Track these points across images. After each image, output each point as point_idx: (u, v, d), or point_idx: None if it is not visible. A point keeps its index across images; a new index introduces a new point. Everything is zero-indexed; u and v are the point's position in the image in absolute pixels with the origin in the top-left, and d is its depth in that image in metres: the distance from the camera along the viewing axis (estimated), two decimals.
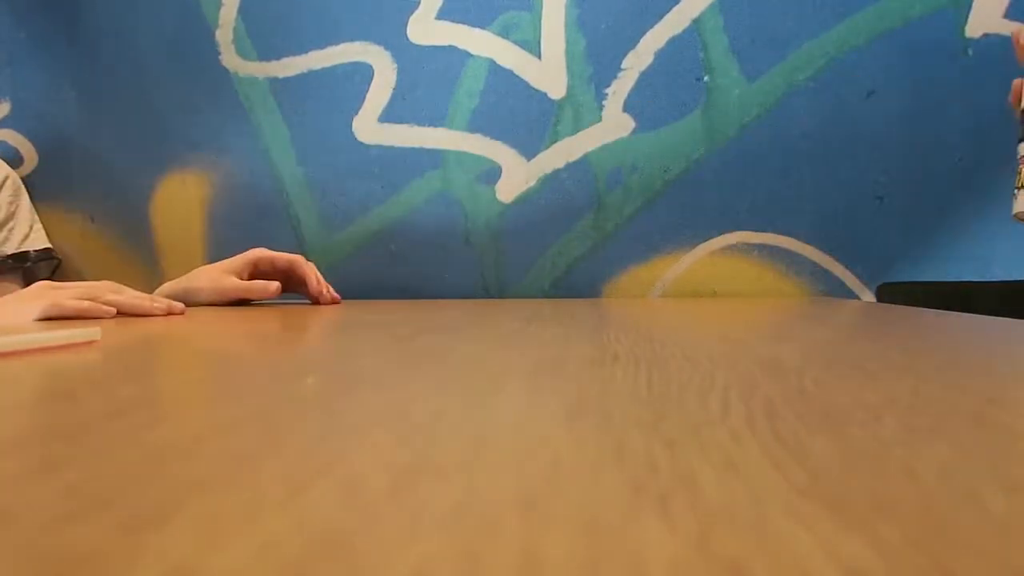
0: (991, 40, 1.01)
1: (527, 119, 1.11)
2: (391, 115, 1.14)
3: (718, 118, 1.07)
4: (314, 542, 0.10)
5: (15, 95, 1.24)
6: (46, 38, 1.23)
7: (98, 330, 0.41)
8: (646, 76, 1.08)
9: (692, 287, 1.09)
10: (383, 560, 0.10)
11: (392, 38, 1.13)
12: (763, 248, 1.08)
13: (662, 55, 1.08)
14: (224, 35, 1.17)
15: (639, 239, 1.10)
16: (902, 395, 0.23)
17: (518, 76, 1.11)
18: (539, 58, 1.11)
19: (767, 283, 1.08)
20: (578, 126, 1.10)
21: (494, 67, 1.11)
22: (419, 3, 1.12)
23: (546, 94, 1.11)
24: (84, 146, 1.23)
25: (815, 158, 1.06)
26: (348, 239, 1.16)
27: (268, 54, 1.16)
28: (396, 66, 1.13)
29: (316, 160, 1.16)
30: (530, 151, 1.12)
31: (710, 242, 1.09)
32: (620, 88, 1.09)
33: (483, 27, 1.12)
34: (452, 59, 1.12)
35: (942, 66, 1.02)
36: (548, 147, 1.11)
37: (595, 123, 1.10)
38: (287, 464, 0.15)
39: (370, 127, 1.14)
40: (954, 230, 1.03)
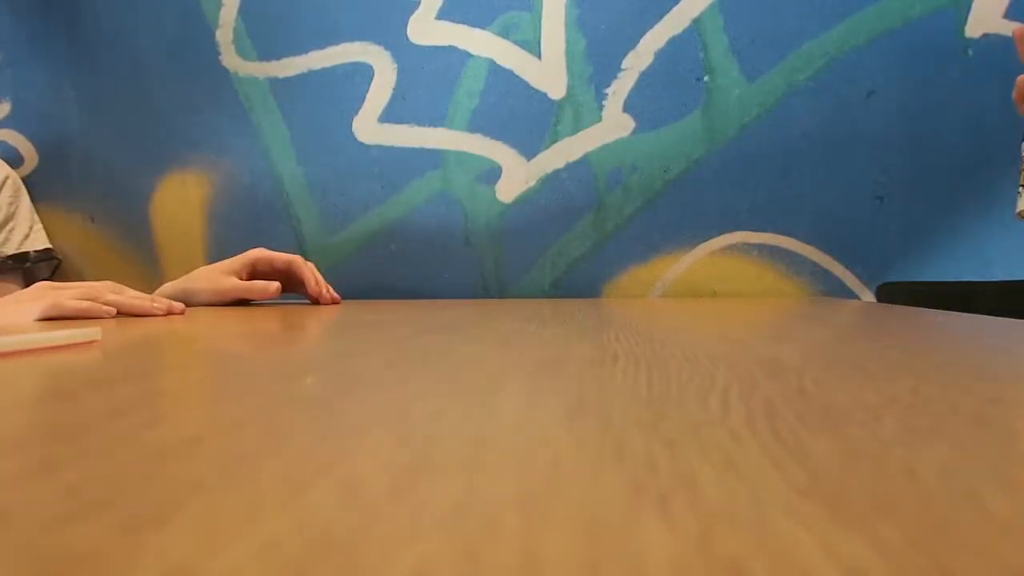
0: (991, 40, 1.01)
1: (527, 119, 1.11)
2: (391, 115, 1.14)
3: (718, 118, 1.07)
4: (314, 542, 0.10)
5: (15, 95, 1.24)
6: (46, 38, 1.23)
7: (98, 330, 0.41)
8: (646, 76, 1.08)
9: (692, 287, 1.09)
10: (383, 560, 0.10)
11: (392, 38, 1.13)
12: (763, 248, 1.08)
13: (662, 55, 1.08)
14: (224, 35, 1.17)
15: (639, 239, 1.10)
16: (902, 395, 0.23)
17: (518, 76, 1.11)
18: (539, 58, 1.11)
19: (767, 283, 1.08)
20: (578, 126, 1.10)
21: (494, 67, 1.12)
22: (419, 3, 1.13)
23: (546, 94, 1.11)
24: (84, 146, 1.23)
25: (815, 158, 1.06)
26: (348, 239, 1.16)
27: (268, 54, 1.16)
28: (396, 66, 1.14)
29: (316, 160, 1.16)
30: (530, 151, 1.12)
31: (710, 242, 1.09)
32: (620, 88, 1.09)
33: (483, 27, 1.12)
34: (452, 59, 1.12)
35: (942, 66, 1.02)
36: (548, 147, 1.11)
37: (595, 123, 1.10)
38: (287, 464, 0.15)
39: (370, 127, 1.15)
40: (954, 230, 1.03)
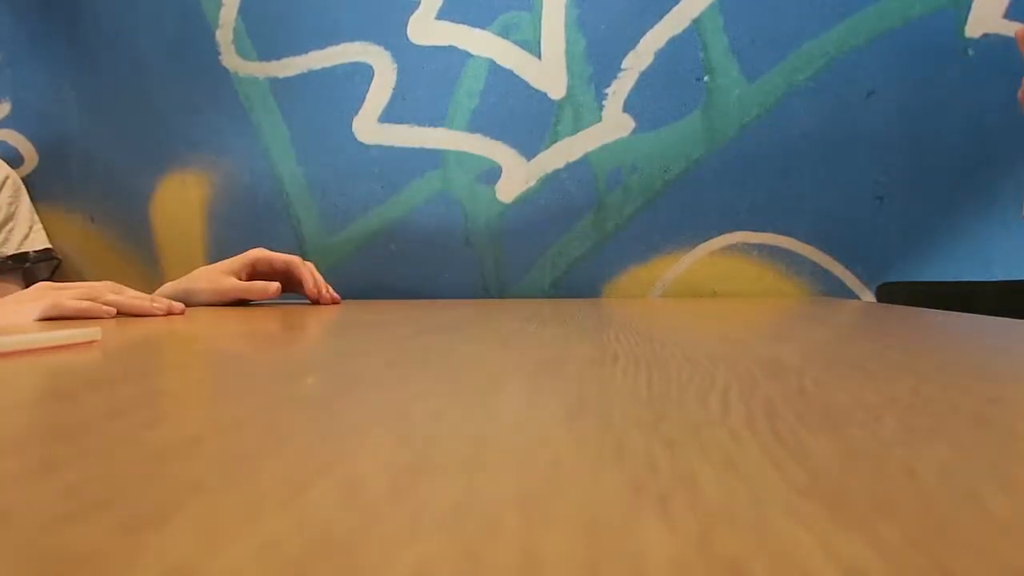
0: (991, 40, 1.01)
1: (527, 119, 1.11)
2: (391, 115, 1.14)
3: (718, 118, 1.07)
4: (314, 542, 0.10)
5: (15, 95, 1.24)
6: (46, 38, 1.23)
7: (98, 330, 0.41)
8: (646, 76, 1.08)
9: (692, 287, 1.09)
10: (383, 560, 0.10)
11: (392, 38, 1.13)
12: (763, 248, 1.08)
13: (662, 55, 1.08)
14: (224, 35, 1.17)
15: (639, 239, 1.10)
16: (902, 395, 0.23)
17: (518, 76, 1.11)
18: (539, 58, 1.11)
19: (767, 283, 1.08)
20: (578, 126, 1.10)
21: (494, 67, 1.12)
22: (419, 3, 1.13)
23: (546, 94, 1.11)
24: (84, 146, 1.23)
25: (815, 158, 1.06)
26: (348, 239, 1.16)
27: (268, 54, 1.16)
28: (396, 66, 1.14)
29: (316, 160, 1.16)
30: (530, 151, 1.12)
31: (710, 242, 1.09)
32: (620, 88, 1.09)
33: (483, 27, 1.12)
34: (452, 59, 1.12)
35: (942, 66, 1.02)
36: (548, 147, 1.11)
37: (595, 123, 1.10)
38: (287, 464, 0.15)
39: (370, 127, 1.15)
40: (954, 230, 1.03)
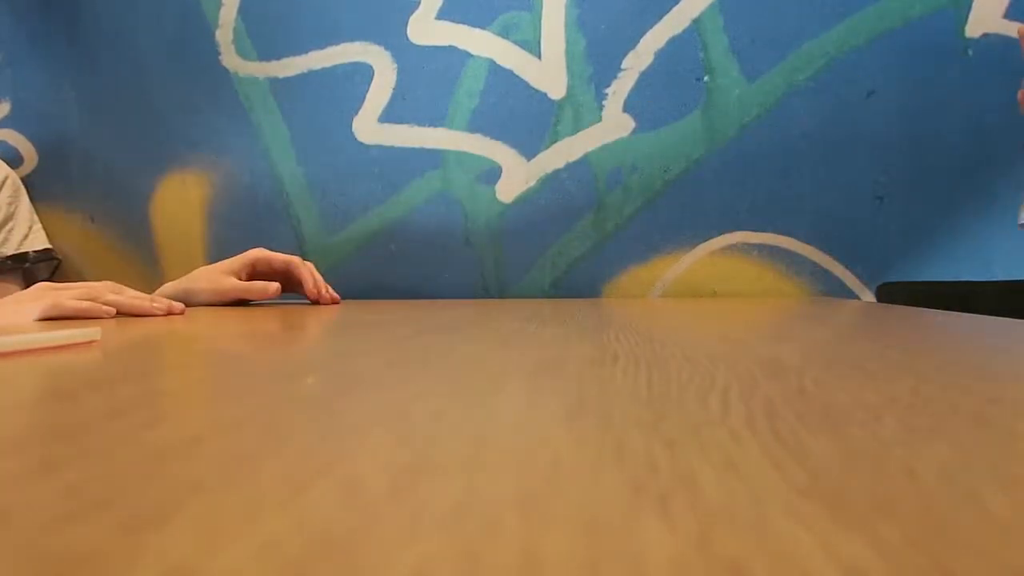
0: (991, 40, 1.01)
1: (527, 119, 1.11)
2: (391, 115, 1.14)
3: (718, 118, 1.07)
4: (314, 542, 0.10)
5: (15, 95, 1.24)
6: (46, 38, 1.23)
7: (98, 330, 0.41)
8: (646, 76, 1.08)
9: (692, 287, 1.09)
10: (383, 560, 0.10)
11: (392, 38, 1.13)
12: (763, 248, 1.08)
13: (662, 55, 1.08)
14: (224, 35, 1.17)
15: (639, 239, 1.10)
16: (902, 395, 0.23)
17: (518, 76, 1.11)
18: (539, 58, 1.11)
19: (767, 283, 1.08)
20: (578, 126, 1.10)
21: (494, 67, 1.12)
22: (419, 3, 1.13)
23: (546, 94, 1.11)
24: (84, 146, 1.23)
25: (815, 158, 1.06)
26: (348, 239, 1.16)
27: (268, 54, 1.16)
28: (396, 66, 1.14)
29: (316, 160, 1.16)
30: (530, 151, 1.12)
31: (710, 242, 1.09)
32: (620, 88, 1.09)
33: (483, 27, 1.12)
34: (452, 59, 1.12)
35: (942, 66, 1.02)
36: (548, 147, 1.11)
37: (595, 123, 1.10)
38: (287, 464, 0.15)
39: (370, 127, 1.15)
40: (954, 230, 1.03)
